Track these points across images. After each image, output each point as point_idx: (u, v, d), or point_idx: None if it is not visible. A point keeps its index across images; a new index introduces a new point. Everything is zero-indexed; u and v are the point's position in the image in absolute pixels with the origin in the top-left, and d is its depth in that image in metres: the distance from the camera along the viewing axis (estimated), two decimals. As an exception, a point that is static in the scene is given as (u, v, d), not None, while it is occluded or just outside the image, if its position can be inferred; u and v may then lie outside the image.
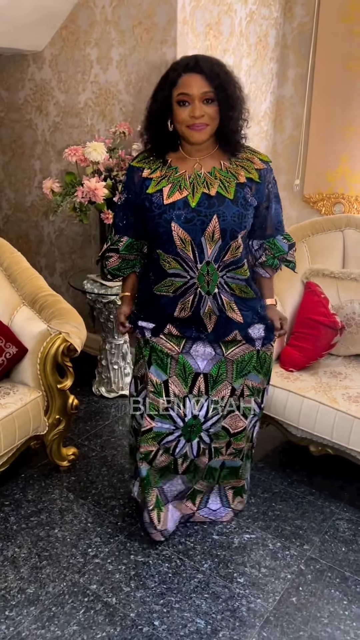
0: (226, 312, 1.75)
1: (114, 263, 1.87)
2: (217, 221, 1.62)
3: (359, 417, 2.07)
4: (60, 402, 2.28)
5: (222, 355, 1.81)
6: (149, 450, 1.86)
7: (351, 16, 2.78)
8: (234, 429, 1.91)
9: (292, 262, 1.91)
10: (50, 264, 3.46)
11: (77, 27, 2.82)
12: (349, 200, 3.03)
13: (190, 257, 1.66)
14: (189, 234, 1.63)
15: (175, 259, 1.68)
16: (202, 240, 1.63)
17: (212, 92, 1.56)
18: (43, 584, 1.87)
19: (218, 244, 1.64)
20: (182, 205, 1.62)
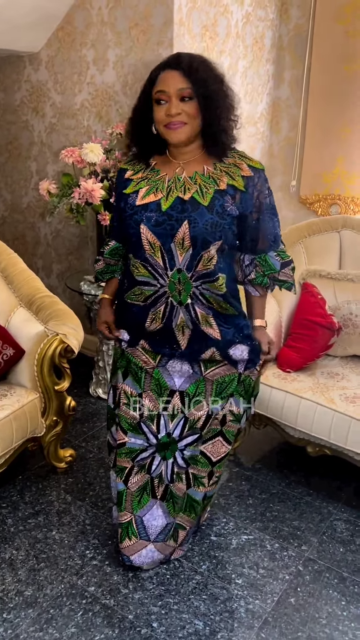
0: (201, 325, 1.62)
1: (99, 266, 1.85)
2: (187, 227, 1.50)
3: (357, 418, 2.08)
4: (58, 403, 2.27)
5: (200, 374, 1.71)
6: (123, 466, 1.80)
7: (347, 18, 2.79)
8: (216, 456, 1.80)
9: (285, 282, 1.72)
10: (47, 266, 3.46)
11: (73, 29, 2.82)
12: (345, 201, 3.04)
13: (160, 264, 1.56)
14: (158, 238, 1.53)
15: (144, 265, 1.58)
16: (172, 246, 1.53)
17: (189, 89, 1.46)
18: (41, 586, 1.86)
19: (189, 252, 1.53)
20: (155, 207, 1.54)
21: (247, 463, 2.49)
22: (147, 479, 1.82)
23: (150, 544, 1.86)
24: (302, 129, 3.10)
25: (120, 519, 1.84)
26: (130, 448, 1.78)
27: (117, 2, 2.63)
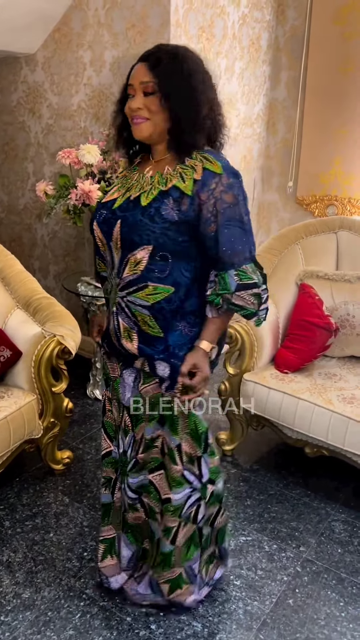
0: (121, 339, 1.49)
1: None
2: (119, 227, 1.42)
3: (354, 419, 2.08)
4: (55, 405, 2.27)
5: (137, 389, 1.56)
6: (109, 476, 1.74)
7: (343, 19, 2.80)
8: (163, 494, 1.61)
9: (243, 308, 1.44)
10: (43, 267, 3.45)
11: (70, 30, 2.82)
12: (342, 202, 3.05)
13: (109, 261, 1.49)
14: (103, 235, 1.47)
15: (103, 262, 1.54)
16: (111, 244, 1.46)
17: (152, 83, 1.34)
18: (39, 588, 1.86)
19: (119, 255, 1.44)
20: (110, 205, 1.47)
21: (244, 464, 2.49)
22: (120, 512, 1.74)
23: (122, 572, 1.79)
24: (298, 130, 3.10)
25: (104, 534, 1.78)
26: (114, 457, 1.72)
27: (113, 4, 2.63)
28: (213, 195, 1.36)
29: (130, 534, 1.74)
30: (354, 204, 3.01)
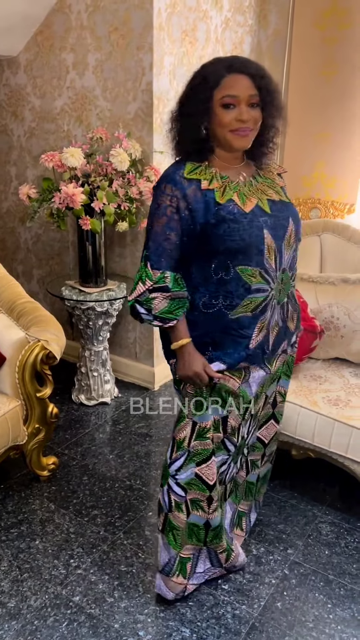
0: (287, 321, 1.66)
1: (161, 304, 1.54)
2: (292, 224, 1.57)
3: (340, 420, 2.09)
4: (40, 410, 2.24)
5: (269, 372, 1.69)
6: (220, 494, 1.77)
7: (325, 24, 2.82)
8: (267, 438, 1.89)
9: None
10: (27, 271, 3.42)
11: (52, 33, 2.81)
12: (325, 205, 3.07)
13: (273, 266, 1.53)
14: (274, 240, 1.52)
15: (260, 272, 1.51)
16: (282, 245, 1.55)
17: (257, 96, 1.45)
18: (24, 597, 1.83)
19: (292, 248, 1.59)
20: (260, 212, 1.51)
21: (231, 467, 2.49)
22: (222, 489, 1.79)
23: (230, 534, 1.94)
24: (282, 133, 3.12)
25: (223, 545, 1.82)
26: (217, 466, 1.72)
27: (96, 7, 2.63)
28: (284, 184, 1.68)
29: (234, 493, 1.92)
30: (337, 207, 3.03)
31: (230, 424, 1.68)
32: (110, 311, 2.77)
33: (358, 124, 2.84)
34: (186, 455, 1.67)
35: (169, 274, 1.53)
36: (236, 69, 1.44)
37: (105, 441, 2.67)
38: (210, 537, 1.77)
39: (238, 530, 1.99)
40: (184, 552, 1.78)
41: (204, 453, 1.66)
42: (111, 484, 2.36)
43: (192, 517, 1.74)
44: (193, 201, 1.48)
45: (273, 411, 1.86)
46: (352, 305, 2.45)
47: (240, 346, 1.56)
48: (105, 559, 1.98)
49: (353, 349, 2.47)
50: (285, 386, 1.85)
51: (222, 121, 1.45)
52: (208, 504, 1.71)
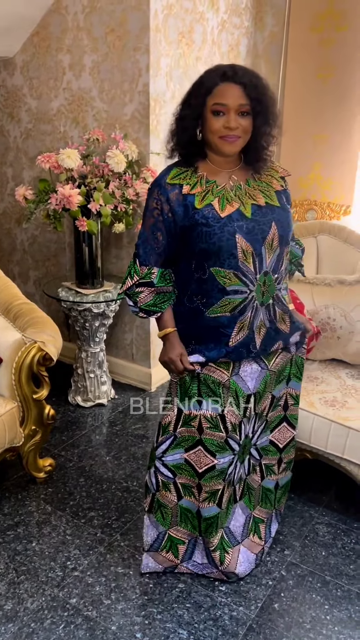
0: (277, 322, 1.69)
1: (146, 298, 1.68)
2: (275, 228, 1.60)
3: (336, 421, 2.09)
4: (36, 412, 2.24)
5: (266, 369, 1.75)
6: (215, 489, 1.77)
7: (321, 27, 2.83)
8: (282, 442, 1.90)
9: (302, 266, 1.94)
10: (23, 272, 3.41)
11: (48, 34, 2.80)
12: (322, 206, 3.07)
13: (251, 269, 1.59)
14: (250, 244, 1.57)
15: (235, 274, 1.58)
16: (262, 249, 1.59)
17: (248, 105, 1.51)
18: (21, 599, 1.82)
19: (276, 253, 1.62)
20: (239, 216, 1.57)
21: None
22: (231, 490, 1.86)
23: (240, 546, 1.92)
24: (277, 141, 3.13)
25: (214, 542, 1.84)
26: (221, 469, 1.76)
27: (92, 8, 2.63)
28: (288, 187, 1.73)
29: (247, 497, 1.94)
30: (333, 209, 3.04)
31: (229, 420, 1.72)
32: (106, 312, 2.77)
33: (354, 125, 2.85)
34: (172, 439, 1.78)
35: (156, 270, 1.67)
36: (229, 78, 1.50)
37: (101, 443, 2.67)
38: (204, 527, 1.83)
39: (255, 537, 1.97)
40: (175, 533, 1.87)
41: (190, 439, 1.76)
42: (108, 486, 2.36)
43: (184, 502, 1.83)
44: (175, 205, 1.59)
45: (285, 414, 1.88)
46: (349, 306, 2.46)
47: (221, 343, 1.65)
48: (102, 561, 1.98)
49: (349, 350, 2.47)
50: (297, 388, 1.88)
51: (212, 127, 1.53)
52: (198, 492, 1.79)
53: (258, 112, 1.53)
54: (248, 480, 1.92)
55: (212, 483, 1.77)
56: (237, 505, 1.92)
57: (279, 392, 1.83)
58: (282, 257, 1.65)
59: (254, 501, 1.95)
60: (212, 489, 1.77)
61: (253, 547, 1.95)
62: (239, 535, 1.93)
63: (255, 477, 1.93)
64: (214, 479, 1.76)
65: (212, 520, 1.81)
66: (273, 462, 1.92)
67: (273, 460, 1.92)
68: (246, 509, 1.94)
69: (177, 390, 1.75)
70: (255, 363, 1.73)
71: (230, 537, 1.90)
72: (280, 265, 1.66)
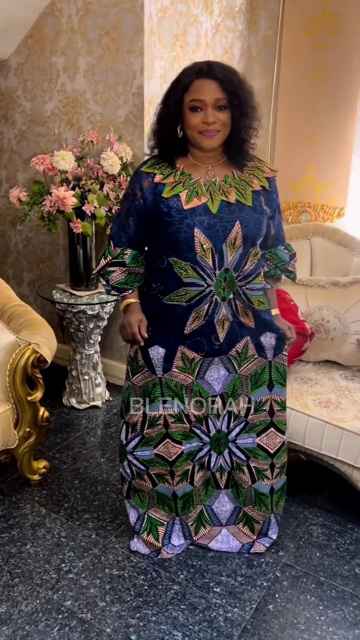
0: (239, 316, 1.73)
1: (118, 277, 1.78)
2: (239, 227, 1.60)
3: (330, 422, 2.10)
4: (31, 414, 2.23)
5: (235, 372, 1.79)
6: (186, 469, 1.87)
7: (314, 30, 2.85)
8: (272, 447, 1.90)
9: (292, 272, 1.91)
10: (17, 274, 3.41)
11: (43, 36, 2.81)
12: (315, 209, 3.09)
13: (209, 265, 1.63)
14: (210, 240, 1.60)
15: (193, 267, 1.63)
16: (223, 246, 1.61)
17: (225, 99, 1.53)
18: (15, 602, 1.82)
19: (239, 251, 1.63)
20: (203, 211, 1.59)
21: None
22: (209, 474, 1.93)
23: (223, 528, 1.97)
24: (271, 138, 3.14)
25: (193, 515, 1.94)
26: (188, 452, 1.86)
27: (87, 11, 2.63)
28: (274, 188, 1.72)
29: (234, 488, 1.95)
30: (327, 211, 3.05)
31: (192, 414, 1.80)
32: (101, 314, 2.77)
33: (348, 128, 2.86)
34: (140, 438, 1.87)
35: (129, 251, 1.75)
36: (205, 74, 1.53)
37: (96, 445, 2.66)
38: (180, 506, 1.92)
39: (246, 528, 2.00)
40: (154, 513, 1.96)
41: (158, 437, 1.85)
42: (102, 488, 2.36)
43: (159, 488, 1.92)
44: (146, 192, 1.65)
45: (272, 420, 1.89)
46: (342, 308, 2.47)
47: (177, 333, 1.72)
48: (96, 563, 1.97)
49: (343, 351, 2.48)
50: (281, 394, 1.88)
51: (190, 123, 1.57)
52: (172, 477, 1.89)
53: (235, 106, 1.55)
54: (234, 476, 1.94)
55: (182, 466, 1.87)
56: (222, 492, 1.96)
57: (258, 396, 1.85)
58: (246, 257, 1.66)
59: (243, 497, 1.96)
60: (184, 470, 1.87)
61: (240, 536, 1.99)
62: (224, 519, 1.98)
63: (244, 477, 1.93)
64: (183, 462, 1.86)
65: (187, 496, 1.89)
66: (265, 466, 1.92)
67: (264, 465, 1.92)
68: (234, 500, 1.97)
69: (139, 393, 1.83)
70: (223, 368, 1.78)
71: (212, 516, 1.97)
72: (244, 264, 1.67)
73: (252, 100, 1.60)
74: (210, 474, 1.93)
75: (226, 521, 1.99)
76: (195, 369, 1.76)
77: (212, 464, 1.92)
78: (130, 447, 1.89)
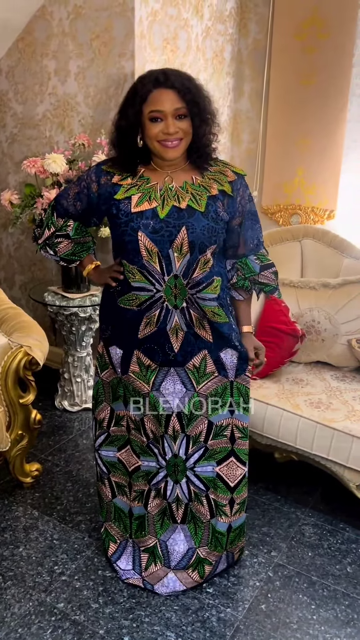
0: (194, 328, 1.67)
1: (66, 248, 1.77)
2: (185, 233, 1.56)
3: (321, 423, 2.11)
4: (23, 417, 2.23)
5: (193, 390, 1.71)
6: (141, 489, 1.83)
7: (304, 34, 2.87)
8: (232, 480, 1.80)
9: (267, 285, 1.75)
10: (9, 277, 3.40)
11: (34, 39, 2.81)
12: (306, 211, 3.11)
13: (157, 269, 1.60)
14: (155, 244, 1.57)
15: (140, 271, 1.61)
16: (169, 252, 1.58)
17: (184, 108, 1.52)
18: (8, 605, 1.81)
19: (187, 258, 1.58)
20: (151, 215, 1.57)
21: (215, 471, 2.50)
22: (165, 504, 1.84)
23: (170, 572, 1.86)
24: (262, 140, 3.16)
25: (145, 543, 1.87)
26: (145, 470, 1.81)
27: (77, 14, 2.64)
28: (239, 193, 1.64)
29: (192, 524, 1.86)
30: (317, 213, 3.07)
31: (148, 427, 1.75)
32: (93, 317, 2.77)
33: (337, 131, 2.89)
34: (106, 435, 1.86)
35: (72, 222, 1.74)
36: (162, 84, 1.51)
37: (89, 447, 2.66)
38: (135, 527, 1.89)
39: (195, 574, 1.86)
40: (110, 529, 1.96)
41: (122, 439, 1.84)
42: (95, 490, 2.36)
43: (117, 501, 1.92)
44: (102, 188, 1.64)
45: (232, 448, 1.78)
46: (333, 309, 2.49)
47: (131, 336, 1.69)
48: (89, 565, 1.98)
49: (334, 352, 2.50)
50: (243, 420, 1.78)
51: (150, 133, 1.55)
52: (129, 490, 1.87)
53: (195, 114, 1.54)
54: (192, 508, 1.84)
55: (139, 483, 1.83)
56: (179, 528, 1.85)
57: (218, 419, 1.74)
58: (195, 264, 1.59)
59: (200, 535, 1.85)
60: (140, 488, 1.84)
61: (186, 581, 1.86)
62: (174, 561, 1.86)
63: (202, 510, 1.83)
64: (140, 479, 1.83)
65: (141, 519, 1.86)
66: (224, 501, 1.81)
67: (224, 500, 1.81)
68: (190, 539, 1.86)
69: (107, 388, 1.83)
70: (180, 383, 1.70)
71: (165, 555, 1.86)
72: (193, 272, 1.60)
73: (211, 106, 1.59)
74: (166, 504, 1.83)
75: (176, 564, 1.86)
76: (150, 378, 1.70)
77: (168, 493, 1.81)
78: (97, 444, 1.89)
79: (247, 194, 1.67)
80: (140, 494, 1.84)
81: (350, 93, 2.81)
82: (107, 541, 1.97)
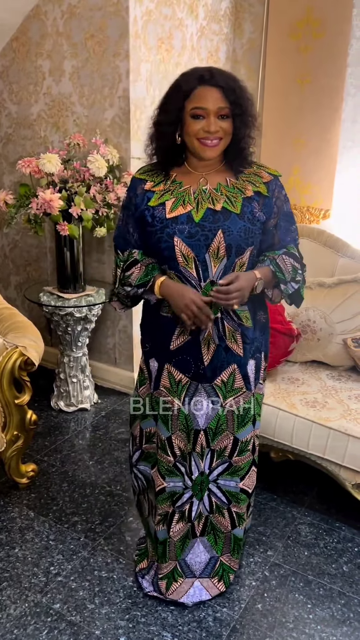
0: (226, 341, 1.61)
1: (138, 274, 1.62)
2: (222, 236, 1.52)
3: (317, 422, 2.12)
4: (18, 417, 2.23)
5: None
6: (165, 511, 1.77)
7: (298, 33, 2.87)
8: (251, 487, 1.80)
9: (279, 270, 1.61)
10: (4, 277, 3.40)
11: (28, 39, 2.81)
12: (301, 210, 3.11)
13: (194, 275, 1.55)
14: (192, 249, 1.53)
15: (178, 276, 1.56)
16: (206, 257, 1.53)
17: (227, 108, 1.49)
18: (4, 606, 1.81)
19: (223, 262, 1.54)
20: (186, 219, 1.53)
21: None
22: (188, 527, 1.80)
23: (196, 581, 1.84)
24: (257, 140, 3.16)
25: (164, 570, 1.82)
26: (170, 492, 1.76)
27: (72, 14, 2.64)
28: (275, 193, 1.60)
29: (211, 535, 1.83)
30: (313, 213, 3.07)
31: (176, 444, 1.71)
32: (89, 317, 2.77)
33: (332, 130, 2.89)
34: (140, 452, 1.83)
35: (136, 251, 1.65)
36: (207, 81, 1.48)
37: (84, 447, 2.66)
38: (159, 551, 1.82)
39: (221, 584, 1.86)
40: (148, 545, 1.91)
41: (154, 456, 1.79)
42: (91, 490, 2.35)
43: (150, 520, 1.88)
44: (138, 199, 1.61)
45: (253, 457, 1.79)
46: (328, 308, 2.50)
47: (164, 348, 1.65)
48: (85, 566, 1.97)
49: (329, 351, 2.50)
50: (259, 427, 1.79)
51: (191, 130, 1.51)
52: (154, 512, 1.81)
53: (237, 115, 1.51)
54: (212, 520, 1.82)
55: (164, 505, 1.77)
56: (198, 541, 1.83)
57: (244, 435, 1.72)
58: (231, 269, 1.55)
59: (222, 545, 1.84)
60: (164, 510, 1.77)
61: (212, 590, 1.85)
62: (198, 571, 1.84)
63: (224, 522, 1.81)
64: (165, 501, 1.76)
65: (163, 545, 1.80)
66: (244, 510, 1.81)
67: (244, 509, 1.81)
68: (211, 549, 1.84)
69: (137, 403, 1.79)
70: (207, 399, 1.67)
71: (184, 568, 1.83)
72: None
73: (253, 109, 1.55)
74: (190, 526, 1.80)
75: (200, 573, 1.84)
76: (181, 393, 1.67)
77: (193, 513, 1.78)
78: (134, 460, 1.85)
79: (283, 195, 1.63)
80: (164, 517, 1.78)
81: (345, 92, 2.81)
82: (142, 555, 1.93)
